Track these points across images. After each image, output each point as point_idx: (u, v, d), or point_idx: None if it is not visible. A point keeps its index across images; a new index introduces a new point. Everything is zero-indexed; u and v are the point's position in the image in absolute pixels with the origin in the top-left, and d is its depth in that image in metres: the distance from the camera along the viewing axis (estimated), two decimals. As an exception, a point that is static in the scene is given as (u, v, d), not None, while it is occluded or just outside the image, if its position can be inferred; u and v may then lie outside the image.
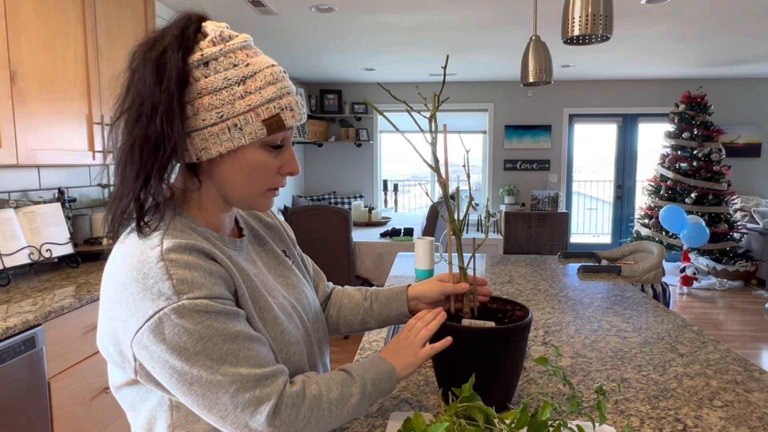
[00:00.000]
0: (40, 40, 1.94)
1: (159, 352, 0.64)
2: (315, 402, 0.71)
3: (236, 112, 0.69)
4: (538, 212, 6.44)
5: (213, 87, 0.69)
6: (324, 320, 0.94)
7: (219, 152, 0.70)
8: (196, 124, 0.69)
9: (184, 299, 0.64)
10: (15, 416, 1.47)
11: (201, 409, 0.66)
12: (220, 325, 0.66)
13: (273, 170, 0.75)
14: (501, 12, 3.65)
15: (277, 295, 0.82)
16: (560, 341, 1.32)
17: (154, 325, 0.64)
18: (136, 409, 0.75)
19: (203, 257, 0.69)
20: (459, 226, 0.95)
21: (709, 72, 6.07)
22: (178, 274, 0.65)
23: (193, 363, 0.64)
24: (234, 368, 0.66)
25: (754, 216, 5.90)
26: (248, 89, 0.70)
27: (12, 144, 1.81)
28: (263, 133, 0.70)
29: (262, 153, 0.73)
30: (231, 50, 0.70)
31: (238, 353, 0.66)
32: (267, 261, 0.88)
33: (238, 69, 0.70)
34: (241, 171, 0.73)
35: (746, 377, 1.09)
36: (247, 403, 0.66)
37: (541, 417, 0.72)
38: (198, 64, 0.69)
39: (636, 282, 2.26)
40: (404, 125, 6.23)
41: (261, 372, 0.67)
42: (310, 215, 3.86)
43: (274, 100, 0.71)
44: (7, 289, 1.84)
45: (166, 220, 0.71)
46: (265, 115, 0.70)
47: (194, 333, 0.64)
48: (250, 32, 4.15)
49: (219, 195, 0.76)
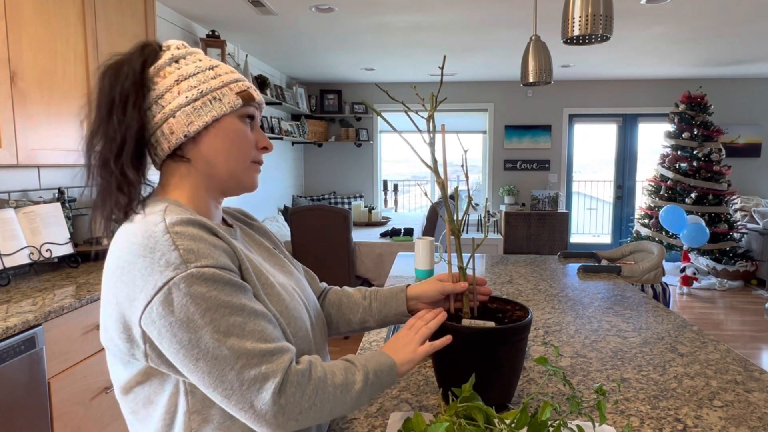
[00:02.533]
0: (40, 41, 1.94)
1: (167, 326, 0.65)
2: (320, 384, 0.71)
3: (213, 87, 0.79)
4: (538, 212, 6.44)
5: (188, 72, 0.79)
6: (323, 313, 0.95)
7: (205, 122, 0.78)
8: (179, 102, 0.77)
9: (192, 267, 0.66)
10: (15, 416, 1.47)
11: (208, 387, 0.67)
12: (226, 296, 0.67)
13: (251, 142, 0.83)
14: (501, 12, 3.65)
15: (277, 276, 0.84)
16: (560, 341, 1.32)
17: (163, 297, 0.65)
18: (152, 402, 0.74)
19: (206, 231, 0.72)
20: (458, 226, 0.95)
21: (709, 72, 6.07)
22: (185, 245, 0.67)
23: (200, 336, 0.65)
24: (240, 341, 0.66)
25: (754, 216, 5.90)
26: (217, 72, 0.81)
27: (12, 144, 1.81)
28: (239, 102, 0.80)
29: (239, 122, 0.81)
30: (191, 52, 0.83)
31: (244, 326, 0.67)
32: (260, 252, 0.90)
33: (204, 61, 0.82)
34: (226, 139, 0.80)
35: (746, 377, 1.09)
36: (252, 380, 0.66)
37: (541, 417, 0.72)
38: (170, 62, 0.79)
39: (636, 282, 2.26)
40: (404, 125, 6.23)
41: (266, 347, 0.68)
42: (310, 215, 3.86)
43: (240, 81, 0.83)
44: (7, 289, 1.84)
45: (161, 206, 0.75)
46: (237, 89, 0.81)
47: (201, 303, 0.65)
48: (250, 32, 4.17)
49: (207, 177, 0.81)
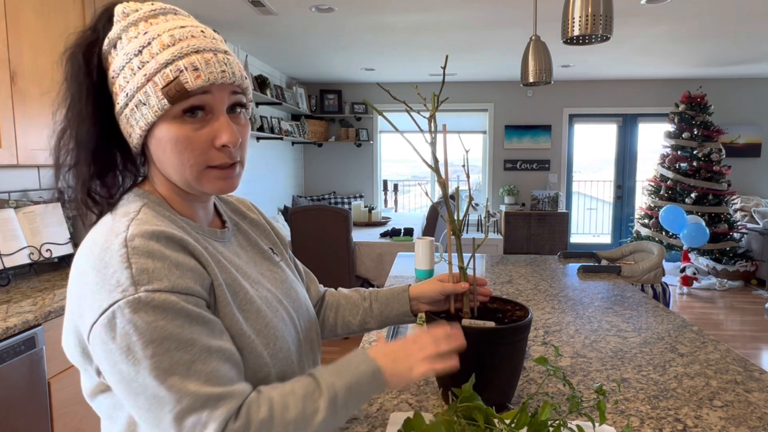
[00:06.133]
0: (40, 41, 1.94)
1: (107, 352, 0.58)
2: (262, 427, 0.60)
3: (136, 86, 0.63)
4: (538, 212, 6.44)
5: (118, 66, 0.64)
6: (316, 321, 0.90)
7: (139, 135, 0.66)
8: (117, 110, 0.66)
9: (141, 291, 0.57)
10: (15, 416, 1.47)
11: (146, 424, 0.59)
12: (175, 328, 0.58)
13: (201, 144, 0.66)
14: (501, 12, 3.65)
15: (261, 288, 0.76)
16: (560, 341, 1.32)
17: (107, 320, 0.57)
18: (112, 418, 0.68)
19: (172, 246, 0.62)
20: (459, 226, 0.95)
21: (709, 72, 6.07)
22: (139, 264, 0.58)
23: (139, 369, 0.57)
24: (182, 382, 0.57)
25: (754, 216, 5.90)
26: (143, 59, 0.63)
27: (12, 144, 1.81)
28: (164, 104, 0.62)
29: (175, 127, 0.64)
30: (131, 23, 0.65)
31: (191, 365, 0.58)
32: (252, 255, 0.82)
33: (137, 40, 0.64)
34: (165, 151, 0.66)
35: (746, 377, 1.09)
36: (191, 428, 0.57)
37: (541, 417, 0.72)
38: (108, 49, 0.66)
39: (636, 282, 2.26)
40: (404, 125, 6.23)
41: (212, 392, 0.58)
42: (310, 215, 3.86)
43: (171, 63, 0.62)
44: (7, 289, 1.84)
45: (136, 206, 0.67)
46: (162, 83, 0.62)
47: (145, 334, 0.57)
48: (249, 32, 4.16)
49: (168, 181, 0.71)
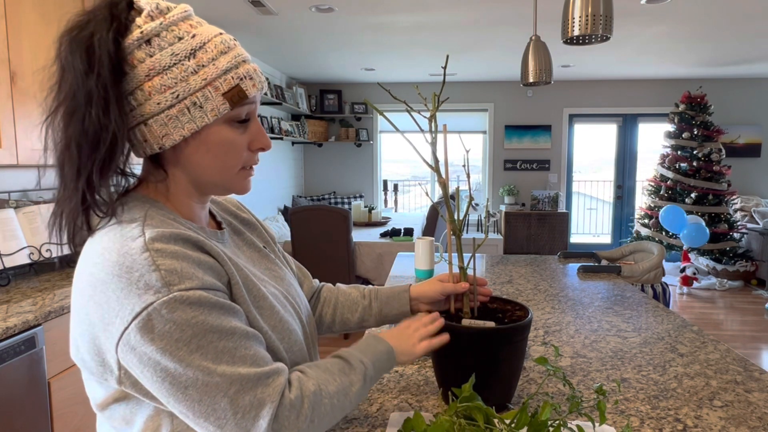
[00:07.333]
0: (40, 41, 1.94)
1: (149, 354, 0.58)
2: (315, 399, 0.66)
3: (193, 88, 0.64)
4: (538, 212, 6.44)
5: (161, 65, 0.63)
6: (313, 316, 0.91)
7: (182, 136, 0.65)
8: (150, 109, 0.64)
9: (176, 291, 0.59)
10: (15, 416, 1.47)
11: (197, 417, 0.60)
12: (214, 320, 0.61)
13: (242, 147, 0.70)
14: (501, 12, 3.65)
15: (267, 285, 0.78)
16: (560, 341, 1.32)
17: (142, 323, 0.58)
18: (129, 422, 0.67)
19: (190, 247, 0.64)
20: (459, 226, 0.95)
21: (709, 72, 6.07)
22: (166, 265, 0.59)
23: (187, 364, 0.59)
24: (232, 368, 0.60)
25: (754, 216, 5.90)
26: (200, 62, 0.64)
27: (12, 144, 1.81)
28: (226, 107, 0.65)
29: (227, 130, 0.68)
30: (172, 23, 0.65)
31: (235, 352, 0.61)
32: (250, 255, 0.83)
33: (184, 42, 0.64)
34: (209, 153, 0.67)
35: (746, 377, 1.09)
36: (248, 407, 0.60)
37: (541, 417, 0.72)
38: (139, 43, 0.63)
39: (636, 282, 2.26)
40: (404, 125, 6.23)
41: (261, 371, 0.62)
42: (310, 215, 3.86)
43: (231, 70, 0.66)
44: (7, 289, 1.84)
45: (141, 210, 0.66)
46: (224, 88, 0.65)
47: (187, 330, 0.59)
48: (250, 32, 4.17)
49: (190, 184, 0.71)
